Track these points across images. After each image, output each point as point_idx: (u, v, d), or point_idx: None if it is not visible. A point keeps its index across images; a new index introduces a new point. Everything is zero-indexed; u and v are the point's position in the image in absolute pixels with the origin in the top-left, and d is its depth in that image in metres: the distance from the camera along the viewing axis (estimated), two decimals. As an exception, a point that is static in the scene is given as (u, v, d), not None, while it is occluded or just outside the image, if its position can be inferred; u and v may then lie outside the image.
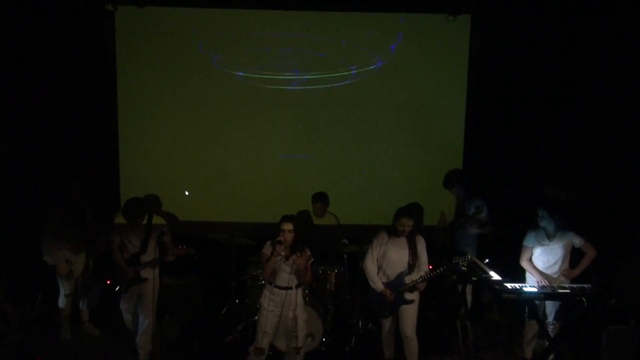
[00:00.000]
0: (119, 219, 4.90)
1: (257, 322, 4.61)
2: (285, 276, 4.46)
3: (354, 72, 6.50)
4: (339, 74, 6.49)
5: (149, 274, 4.87)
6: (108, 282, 4.91)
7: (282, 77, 6.52)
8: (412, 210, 4.74)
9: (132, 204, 4.86)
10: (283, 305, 4.45)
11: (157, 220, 4.99)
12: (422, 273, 4.72)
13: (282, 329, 4.59)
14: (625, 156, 5.40)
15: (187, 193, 6.65)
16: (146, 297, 4.89)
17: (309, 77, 6.51)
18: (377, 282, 4.73)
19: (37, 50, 6.22)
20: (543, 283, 4.75)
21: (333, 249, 5.55)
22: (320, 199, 5.74)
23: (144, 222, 4.91)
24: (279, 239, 4.35)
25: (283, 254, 4.39)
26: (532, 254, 4.93)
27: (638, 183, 5.20)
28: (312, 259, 4.53)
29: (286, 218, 4.45)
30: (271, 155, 6.65)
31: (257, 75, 6.51)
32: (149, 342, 4.95)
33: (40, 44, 6.21)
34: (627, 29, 5.35)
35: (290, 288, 4.47)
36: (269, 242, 4.46)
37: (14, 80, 6.22)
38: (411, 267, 4.72)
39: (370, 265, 4.77)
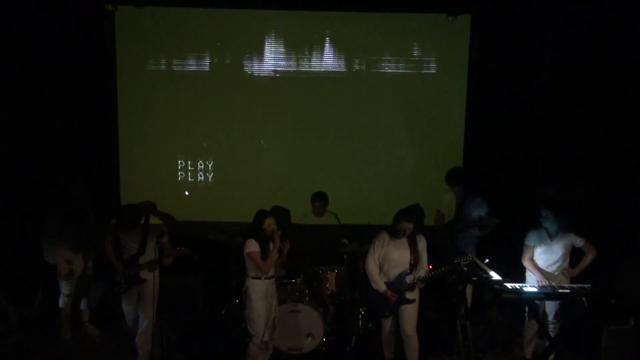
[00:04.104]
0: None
1: (252, 318, 4.61)
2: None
3: (354, 71, 6.51)
4: (339, 75, 6.50)
5: (148, 274, 4.85)
6: None
7: (283, 77, 6.52)
8: (412, 213, 4.73)
9: (127, 211, 4.83)
10: (268, 294, 4.62)
11: (154, 221, 4.98)
12: (423, 272, 4.72)
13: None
14: (625, 156, 5.40)
15: (187, 193, 6.65)
16: (146, 297, 4.87)
17: (309, 77, 6.52)
18: (380, 283, 4.73)
19: (37, 50, 6.22)
20: (543, 282, 4.75)
21: (333, 249, 5.55)
22: (319, 198, 5.73)
23: (141, 223, 4.88)
24: (272, 233, 4.52)
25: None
26: (533, 253, 4.93)
27: (638, 183, 5.20)
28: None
29: (266, 214, 4.58)
30: (271, 155, 6.65)
31: (257, 75, 6.51)
32: (148, 341, 4.94)
33: (41, 44, 6.21)
34: (627, 29, 5.35)
35: (274, 276, 4.68)
36: (253, 240, 4.51)
37: (15, 80, 6.23)
38: (412, 267, 4.72)
39: (372, 266, 4.76)
